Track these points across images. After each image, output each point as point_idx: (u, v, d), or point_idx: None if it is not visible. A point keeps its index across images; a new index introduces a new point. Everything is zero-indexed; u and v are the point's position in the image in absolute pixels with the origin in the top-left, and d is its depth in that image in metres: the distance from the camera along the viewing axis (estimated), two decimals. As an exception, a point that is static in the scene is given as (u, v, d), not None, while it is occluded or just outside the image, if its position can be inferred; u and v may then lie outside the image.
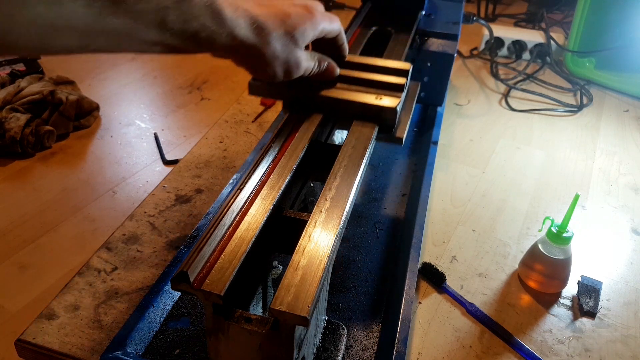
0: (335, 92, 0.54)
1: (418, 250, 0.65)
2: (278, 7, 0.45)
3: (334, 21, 0.51)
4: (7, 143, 0.88)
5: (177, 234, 0.69)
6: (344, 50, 0.56)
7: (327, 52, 0.54)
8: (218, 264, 0.36)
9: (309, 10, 0.47)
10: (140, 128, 1.01)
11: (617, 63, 1.27)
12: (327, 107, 0.54)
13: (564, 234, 0.63)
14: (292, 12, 0.45)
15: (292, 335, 0.36)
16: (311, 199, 0.59)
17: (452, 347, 0.60)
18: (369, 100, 0.53)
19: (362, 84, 0.55)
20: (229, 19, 0.39)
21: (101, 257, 0.65)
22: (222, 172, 0.83)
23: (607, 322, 0.65)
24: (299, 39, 0.45)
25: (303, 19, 0.46)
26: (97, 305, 0.59)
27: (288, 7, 0.46)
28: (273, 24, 0.43)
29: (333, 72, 0.54)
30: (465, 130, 1.04)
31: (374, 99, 0.53)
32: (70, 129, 0.97)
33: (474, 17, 1.17)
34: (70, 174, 0.88)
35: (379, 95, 0.53)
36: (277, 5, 0.45)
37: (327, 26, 0.49)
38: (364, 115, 0.53)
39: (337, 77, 0.55)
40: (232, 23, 0.40)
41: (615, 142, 1.05)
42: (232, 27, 0.40)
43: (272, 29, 0.43)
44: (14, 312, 0.63)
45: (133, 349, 0.52)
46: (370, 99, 0.53)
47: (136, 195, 0.83)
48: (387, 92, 0.54)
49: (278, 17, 0.44)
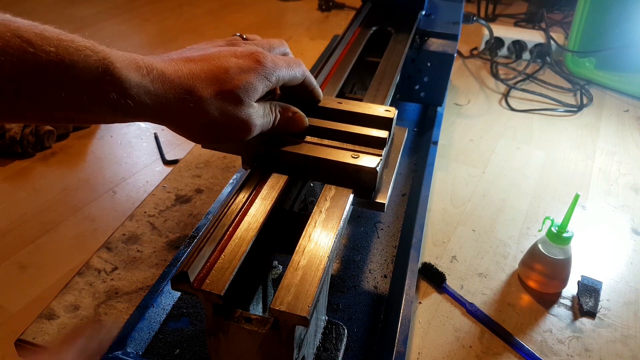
0: (304, 147, 0.45)
1: (418, 250, 0.65)
2: (214, 62, 0.37)
3: (294, 66, 0.42)
4: (7, 143, 0.88)
5: (177, 234, 0.70)
6: (317, 95, 0.48)
7: (297, 96, 0.47)
8: (218, 264, 0.36)
9: (254, 59, 0.38)
10: (140, 128, 1.01)
11: (617, 63, 1.27)
12: (294, 166, 0.45)
13: (564, 234, 0.63)
14: (230, 67, 0.37)
15: (292, 335, 0.36)
16: (311, 199, 0.59)
17: (452, 347, 0.60)
18: (344, 158, 0.44)
19: (336, 138, 0.46)
20: (134, 84, 0.32)
21: (101, 257, 0.65)
22: (222, 172, 0.83)
23: (607, 322, 0.65)
24: (242, 96, 0.37)
25: (247, 73, 0.37)
26: (97, 305, 0.59)
27: (227, 60, 0.37)
28: (203, 84, 0.36)
29: (301, 124, 0.45)
30: (465, 130, 1.04)
31: (349, 157, 0.44)
32: (70, 129, 0.97)
33: (474, 17, 1.17)
34: (70, 174, 0.88)
35: (355, 152, 0.45)
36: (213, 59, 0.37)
37: (285, 73, 0.41)
38: (337, 176, 0.44)
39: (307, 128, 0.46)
40: (141, 89, 0.33)
41: (615, 142, 1.05)
42: (142, 94, 0.33)
43: (201, 91, 0.35)
44: (14, 312, 0.63)
45: (133, 349, 0.52)
46: (346, 157, 0.44)
47: (136, 195, 0.83)
48: (366, 148, 0.46)
49: (211, 75, 0.36)
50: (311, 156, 0.44)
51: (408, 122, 0.99)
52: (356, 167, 0.44)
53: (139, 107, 0.33)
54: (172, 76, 0.34)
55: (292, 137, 0.46)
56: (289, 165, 0.45)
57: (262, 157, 0.46)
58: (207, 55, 0.38)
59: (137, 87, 0.33)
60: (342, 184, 0.44)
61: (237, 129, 0.38)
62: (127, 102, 0.32)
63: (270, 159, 0.46)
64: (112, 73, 0.31)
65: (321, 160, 0.44)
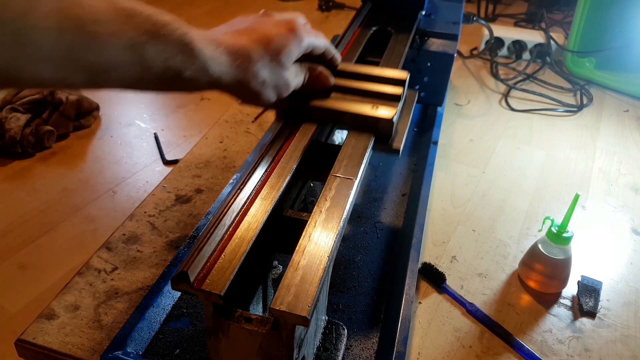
0: (329, 102, 0.52)
1: (418, 250, 0.65)
2: (259, 33, 0.43)
3: (319, 36, 0.50)
4: (7, 143, 0.88)
5: (177, 234, 0.70)
6: (336, 61, 0.55)
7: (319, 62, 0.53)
8: (218, 264, 0.36)
9: (291, 28, 0.45)
10: (140, 128, 1.01)
11: (617, 63, 1.27)
12: (321, 117, 0.52)
13: (564, 234, 0.63)
14: (274, 35, 0.44)
15: (292, 335, 0.36)
16: (311, 199, 0.59)
17: (452, 347, 0.60)
18: (364, 110, 0.51)
19: (357, 94, 0.53)
20: (208, 58, 0.38)
21: (101, 257, 0.65)
22: (222, 172, 0.83)
23: (607, 322, 0.65)
24: (284, 61, 0.44)
25: (287, 39, 0.44)
26: (97, 305, 0.59)
27: (270, 30, 0.44)
28: (257, 53, 0.42)
29: (326, 81, 0.52)
30: (465, 130, 1.04)
31: (369, 109, 0.51)
32: (70, 129, 0.97)
33: (474, 17, 1.17)
34: (70, 174, 0.88)
35: (375, 105, 0.51)
36: (258, 30, 0.44)
37: (313, 40, 0.48)
38: (359, 125, 0.51)
39: (331, 86, 0.53)
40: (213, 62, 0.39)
41: (615, 142, 1.05)
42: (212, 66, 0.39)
43: (256, 59, 0.42)
44: (14, 312, 0.63)
45: (133, 349, 0.52)
46: (366, 109, 0.51)
47: (136, 195, 0.83)
48: (384, 102, 0.52)
49: (261, 44, 0.43)
50: (336, 109, 0.51)
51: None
52: (375, 118, 0.50)
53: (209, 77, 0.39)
54: (233, 48, 0.41)
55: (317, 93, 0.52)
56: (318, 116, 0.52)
57: (293, 111, 0.52)
58: (253, 27, 0.44)
59: (210, 60, 0.38)
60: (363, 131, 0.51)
61: (281, 88, 0.46)
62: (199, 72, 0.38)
63: (300, 112, 0.52)
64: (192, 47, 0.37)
65: (344, 112, 0.51)
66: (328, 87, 0.53)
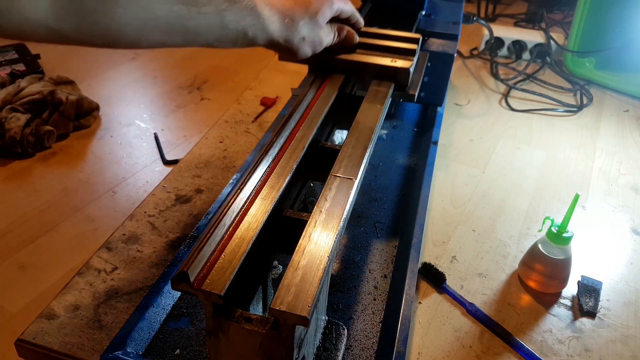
0: (355, 56, 0.62)
1: (418, 250, 0.65)
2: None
3: (347, 3, 0.59)
4: (7, 143, 0.88)
5: (177, 234, 0.70)
6: (360, 24, 0.63)
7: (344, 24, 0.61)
8: (218, 264, 0.36)
9: None
10: (140, 128, 1.01)
11: (617, 63, 1.27)
12: (348, 69, 0.62)
13: (564, 234, 0.63)
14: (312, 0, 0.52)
15: (292, 335, 0.36)
16: (311, 199, 0.59)
17: (452, 347, 0.60)
18: (385, 62, 0.61)
19: (378, 50, 0.63)
20: (266, 18, 0.47)
21: (101, 257, 0.65)
22: (222, 172, 0.83)
23: (607, 322, 0.65)
24: (320, 21, 0.53)
25: (322, 3, 0.53)
26: (97, 305, 0.59)
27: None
28: (299, 14, 0.50)
29: (352, 39, 0.62)
30: (465, 130, 1.04)
31: (389, 61, 0.61)
32: (70, 129, 0.97)
33: (474, 17, 1.17)
34: (70, 174, 0.88)
35: (393, 58, 0.61)
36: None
37: (343, 6, 0.57)
38: (380, 75, 0.61)
39: (356, 44, 0.62)
40: (269, 21, 0.47)
41: (615, 142, 1.05)
42: (269, 24, 0.47)
43: (299, 19, 0.50)
44: (14, 312, 0.63)
45: (133, 349, 0.52)
46: (386, 61, 0.61)
47: (136, 195, 0.83)
48: (401, 56, 0.62)
49: (303, 6, 0.51)
50: (361, 62, 0.61)
51: (408, 122, 0.99)
52: (395, 68, 0.60)
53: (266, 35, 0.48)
54: (282, 9, 0.49)
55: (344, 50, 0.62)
56: (345, 68, 0.62)
57: (323, 64, 0.62)
58: None
59: (267, 19, 0.47)
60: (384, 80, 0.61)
61: (316, 44, 0.54)
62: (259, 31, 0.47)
63: (330, 65, 0.62)
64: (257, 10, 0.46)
65: (368, 64, 0.61)
66: (354, 45, 0.62)
